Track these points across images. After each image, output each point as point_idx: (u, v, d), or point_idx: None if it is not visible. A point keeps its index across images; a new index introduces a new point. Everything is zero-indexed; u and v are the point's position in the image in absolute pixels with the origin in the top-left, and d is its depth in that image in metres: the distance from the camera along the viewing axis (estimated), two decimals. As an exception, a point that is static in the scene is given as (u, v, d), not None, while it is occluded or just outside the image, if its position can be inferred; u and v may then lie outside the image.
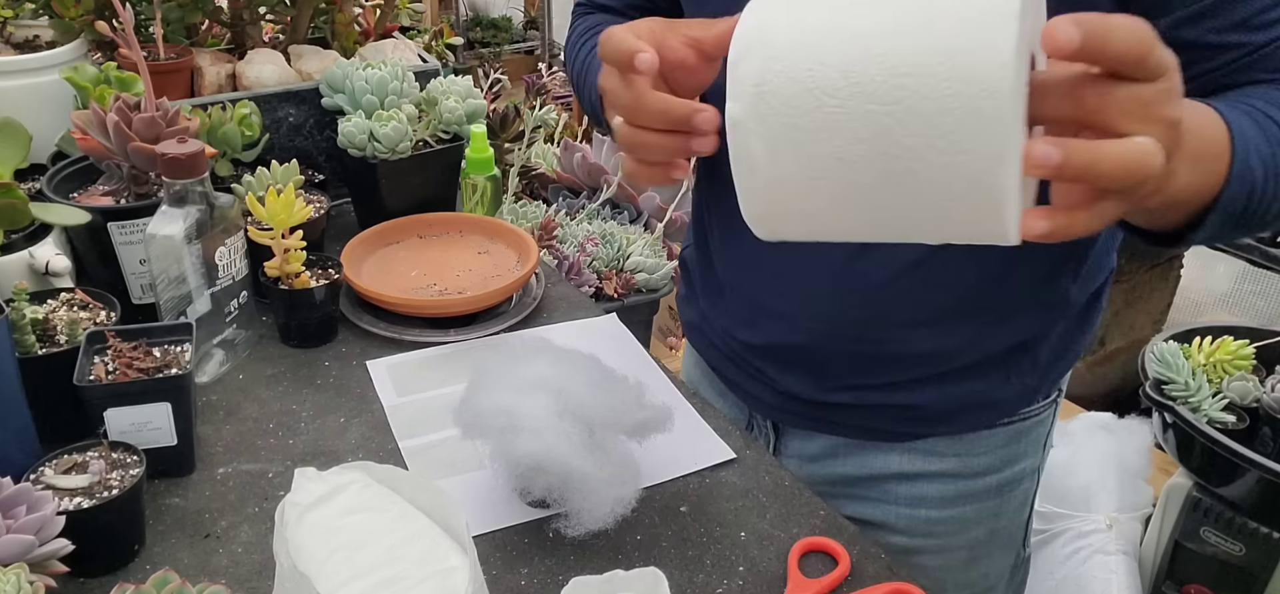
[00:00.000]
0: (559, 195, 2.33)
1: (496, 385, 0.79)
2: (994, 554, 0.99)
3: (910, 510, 0.95)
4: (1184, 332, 1.63)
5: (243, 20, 1.33)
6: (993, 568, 1.00)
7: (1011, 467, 0.94)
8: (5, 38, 1.24)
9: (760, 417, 1.01)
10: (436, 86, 1.23)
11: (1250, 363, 1.54)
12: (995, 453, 0.93)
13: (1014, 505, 0.97)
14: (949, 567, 0.97)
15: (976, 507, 0.94)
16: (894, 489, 0.95)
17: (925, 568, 0.96)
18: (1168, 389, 1.52)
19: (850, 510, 0.95)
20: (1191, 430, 1.47)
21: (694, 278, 1.05)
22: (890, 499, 0.96)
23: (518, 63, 5.07)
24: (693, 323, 1.07)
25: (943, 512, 0.94)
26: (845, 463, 0.97)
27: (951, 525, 0.95)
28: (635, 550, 0.78)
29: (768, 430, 1.01)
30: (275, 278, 1.01)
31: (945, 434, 0.92)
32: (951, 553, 0.96)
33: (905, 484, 0.95)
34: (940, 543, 0.95)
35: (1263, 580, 1.50)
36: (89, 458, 0.75)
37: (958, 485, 0.93)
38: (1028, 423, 0.93)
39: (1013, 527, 0.99)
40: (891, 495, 0.96)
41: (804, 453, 0.99)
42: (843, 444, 0.96)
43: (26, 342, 0.82)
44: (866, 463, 0.96)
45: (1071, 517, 1.77)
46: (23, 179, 1.03)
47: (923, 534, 0.95)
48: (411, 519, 0.63)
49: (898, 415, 0.91)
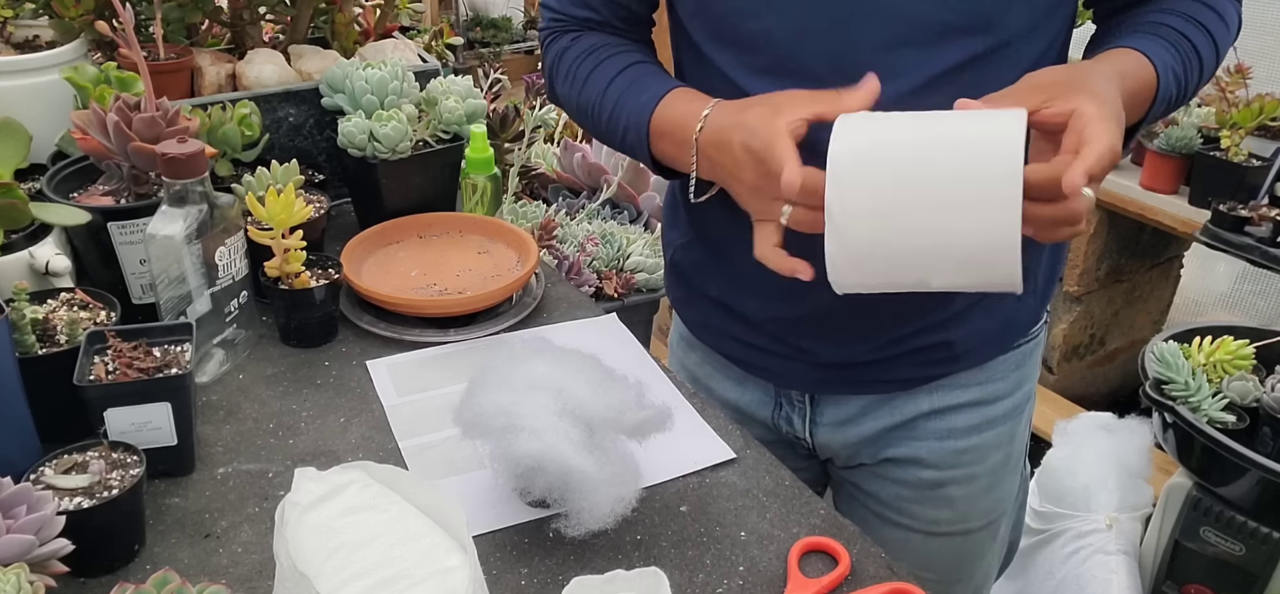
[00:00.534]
0: (559, 195, 2.33)
1: (496, 385, 0.79)
2: (1008, 478, 1.08)
3: (939, 443, 1.01)
4: (1184, 331, 1.63)
5: (243, 20, 1.33)
6: (1007, 492, 1.09)
7: (1020, 389, 1.04)
8: (5, 38, 1.24)
9: (797, 393, 1.04)
10: (436, 86, 1.23)
11: (1250, 363, 1.54)
12: (1008, 377, 1.02)
13: (1022, 427, 1.08)
14: (972, 495, 1.05)
15: (996, 431, 1.03)
16: (924, 426, 1.01)
17: (952, 499, 1.04)
18: (1168, 389, 1.52)
19: (882, 455, 1.03)
20: (1191, 430, 1.47)
21: (690, 276, 1.06)
22: (920, 435, 1.02)
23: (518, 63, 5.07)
24: (700, 321, 1.09)
25: (968, 440, 1.02)
26: (878, 418, 1.01)
27: (975, 454, 1.03)
28: (635, 550, 0.78)
29: (803, 404, 1.04)
30: (275, 278, 1.01)
31: (970, 366, 0.99)
32: (975, 480, 1.04)
33: (935, 419, 1.01)
34: (966, 472, 1.03)
35: (1263, 580, 1.50)
36: (89, 458, 0.75)
37: (981, 412, 1.01)
38: (1030, 345, 1.04)
39: (1020, 449, 1.10)
40: (922, 432, 1.01)
41: (838, 418, 1.03)
42: (876, 400, 1.01)
43: (26, 342, 0.82)
44: (897, 410, 1.01)
45: (1071, 517, 1.77)
46: (23, 179, 1.03)
47: (950, 465, 1.02)
48: (411, 519, 0.63)
49: (931, 357, 0.97)
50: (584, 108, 0.96)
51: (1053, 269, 1.03)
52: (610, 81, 0.93)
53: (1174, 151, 2.27)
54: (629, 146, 0.92)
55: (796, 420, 1.05)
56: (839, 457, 1.06)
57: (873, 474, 1.05)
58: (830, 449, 1.05)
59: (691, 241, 1.05)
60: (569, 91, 0.98)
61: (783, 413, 1.06)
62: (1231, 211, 2.00)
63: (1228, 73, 2.19)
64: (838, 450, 1.05)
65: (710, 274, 1.03)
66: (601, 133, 0.96)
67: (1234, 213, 2.00)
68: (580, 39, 0.98)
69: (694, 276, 1.06)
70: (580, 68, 0.96)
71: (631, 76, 0.92)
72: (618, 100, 0.92)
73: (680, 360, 1.16)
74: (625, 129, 0.92)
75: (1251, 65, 2.18)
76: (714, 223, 0.99)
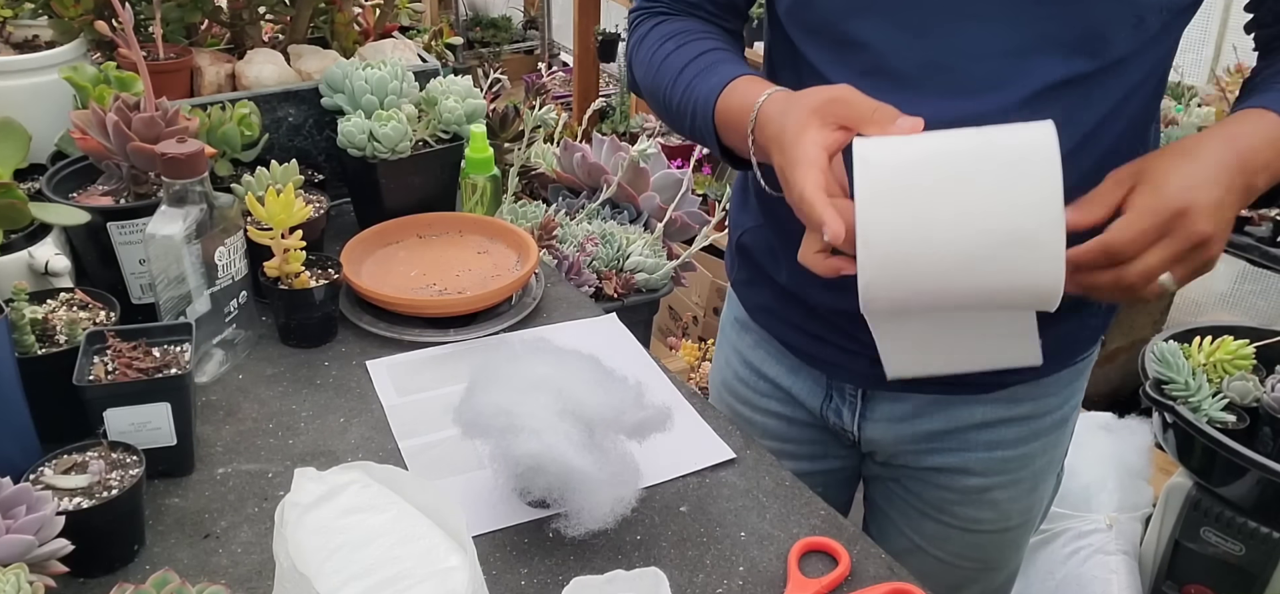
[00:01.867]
0: (559, 195, 2.33)
1: (496, 385, 0.79)
2: (1048, 479, 1.08)
3: (987, 454, 1.01)
4: (1184, 331, 1.63)
5: (242, 20, 1.33)
6: (1046, 491, 1.09)
7: (1070, 402, 1.04)
8: (5, 38, 1.24)
9: (851, 386, 1.02)
10: (436, 86, 1.23)
11: (1250, 363, 1.54)
12: (1062, 393, 1.01)
13: (1067, 434, 1.08)
14: (1015, 497, 1.05)
15: (1043, 441, 1.03)
16: (974, 437, 1.01)
17: (996, 501, 1.04)
18: (1168, 389, 1.52)
19: (929, 462, 1.03)
20: (1191, 430, 1.47)
21: (759, 259, 1.04)
22: (969, 446, 1.01)
23: (518, 63, 5.08)
24: (761, 306, 1.07)
25: (1016, 450, 1.01)
26: (931, 420, 1.01)
27: (1021, 462, 1.02)
28: (635, 550, 0.78)
29: (855, 399, 1.03)
30: (275, 278, 1.01)
31: (1029, 380, 0.98)
32: (1018, 485, 1.04)
33: (986, 431, 1.00)
34: (1011, 478, 1.03)
35: (1263, 580, 1.50)
36: (89, 458, 0.75)
37: (1031, 426, 1.01)
38: (1085, 363, 1.03)
39: (1062, 452, 1.09)
40: (971, 443, 1.01)
41: (891, 415, 1.02)
42: (930, 401, 1.00)
43: (26, 342, 0.82)
44: (951, 417, 1.00)
45: (1072, 517, 1.77)
46: (22, 179, 1.03)
47: (997, 473, 1.02)
48: (411, 519, 0.63)
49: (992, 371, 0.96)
50: (656, 92, 0.92)
51: None
52: (685, 67, 0.88)
53: (1174, 152, 2.27)
54: (699, 134, 0.88)
55: (846, 413, 1.04)
56: (883, 451, 1.06)
57: (916, 475, 1.05)
58: (876, 444, 1.05)
59: (761, 227, 1.02)
60: (644, 76, 0.94)
61: (832, 405, 1.05)
62: (1231, 211, 2.00)
63: (1228, 73, 2.19)
64: (884, 446, 1.04)
65: (779, 260, 1.01)
66: (672, 119, 0.92)
67: (1234, 213, 2.00)
68: (667, 22, 0.94)
69: (762, 261, 1.03)
70: (659, 51, 0.92)
71: (706, 63, 0.87)
72: (688, 85, 0.88)
73: (731, 343, 1.13)
74: (693, 114, 0.87)
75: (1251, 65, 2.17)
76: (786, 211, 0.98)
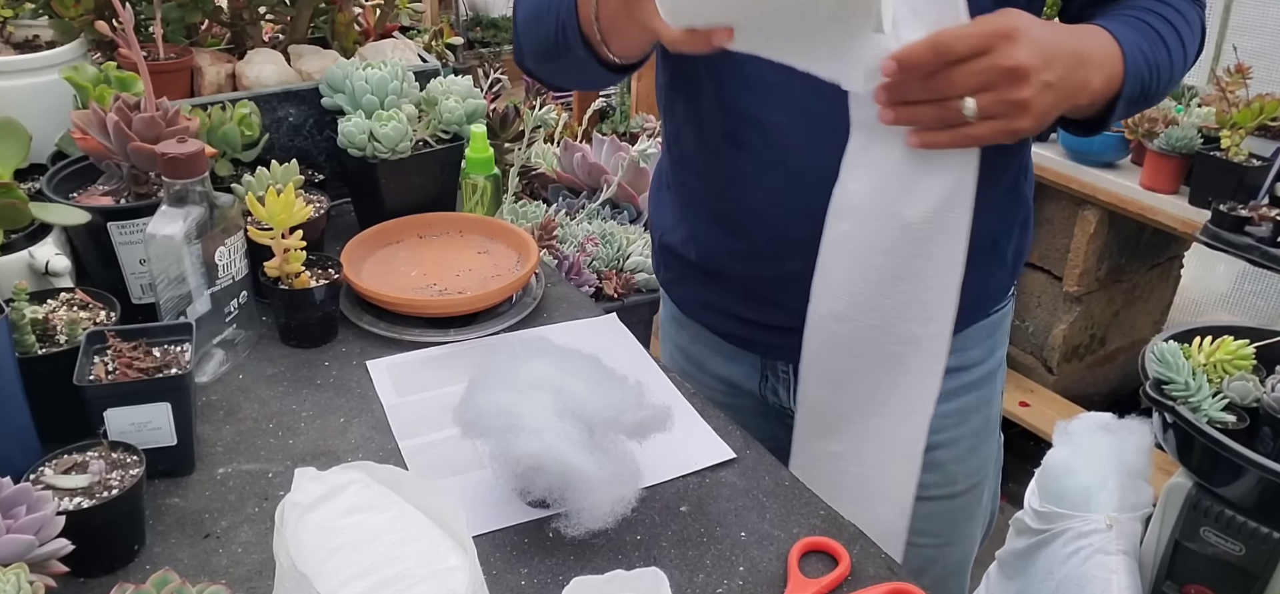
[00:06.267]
0: (559, 195, 2.33)
1: (496, 385, 0.79)
2: (987, 440, 1.15)
3: None
4: (1184, 331, 1.63)
5: (243, 20, 1.33)
6: (986, 456, 1.17)
7: (992, 356, 1.11)
8: (5, 38, 1.24)
9: (782, 363, 1.07)
10: (436, 86, 1.23)
11: (1250, 363, 1.54)
12: (981, 345, 1.09)
13: (996, 393, 1.15)
14: (957, 457, 1.11)
15: (974, 395, 1.10)
16: None
17: (939, 462, 1.08)
18: (1168, 389, 1.51)
19: None
20: (1191, 430, 1.46)
21: (683, 256, 1.09)
22: None
23: (518, 63, 5.06)
24: (692, 299, 1.12)
25: (948, 404, 1.05)
26: None
27: (955, 417, 1.08)
28: (635, 550, 0.78)
29: (787, 375, 1.08)
30: (275, 278, 1.01)
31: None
32: (958, 444, 1.10)
33: None
34: (949, 436, 1.09)
35: (1263, 580, 1.50)
36: (89, 458, 0.75)
37: (959, 378, 1.07)
38: (999, 316, 1.11)
39: (995, 413, 1.17)
40: None
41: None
42: None
43: (26, 342, 0.82)
44: None
45: (1071, 517, 1.76)
46: (23, 179, 1.03)
47: (934, 429, 1.04)
48: (411, 519, 0.63)
49: None
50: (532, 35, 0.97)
51: (1021, 246, 1.09)
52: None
53: (1174, 151, 2.27)
54: (568, 42, 0.90)
55: (782, 391, 1.10)
56: None
57: None
58: None
59: (669, 227, 1.09)
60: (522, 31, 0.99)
61: (768, 384, 1.11)
62: (1232, 211, 2.00)
63: (1228, 73, 2.19)
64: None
65: (698, 255, 1.06)
66: (546, 51, 0.95)
67: (1234, 213, 2.00)
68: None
69: (684, 252, 1.09)
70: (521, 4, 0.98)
71: None
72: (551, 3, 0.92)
73: (672, 340, 1.19)
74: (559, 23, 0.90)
75: (1251, 65, 2.18)
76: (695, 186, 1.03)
